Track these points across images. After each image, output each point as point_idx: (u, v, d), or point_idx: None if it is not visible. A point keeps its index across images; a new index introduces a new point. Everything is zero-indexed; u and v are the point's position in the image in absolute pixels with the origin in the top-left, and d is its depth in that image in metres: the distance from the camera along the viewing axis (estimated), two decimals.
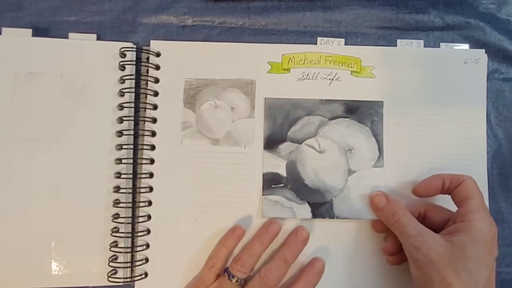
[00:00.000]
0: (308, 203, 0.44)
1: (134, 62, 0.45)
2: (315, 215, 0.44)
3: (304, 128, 0.45)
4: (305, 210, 0.44)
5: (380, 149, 0.44)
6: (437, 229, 0.38)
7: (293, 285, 0.41)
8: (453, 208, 0.40)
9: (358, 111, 0.45)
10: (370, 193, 0.43)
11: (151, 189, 0.44)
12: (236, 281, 0.40)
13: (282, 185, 0.44)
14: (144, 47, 0.46)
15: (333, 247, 0.44)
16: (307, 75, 0.46)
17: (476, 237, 0.36)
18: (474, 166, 0.45)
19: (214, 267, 0.41)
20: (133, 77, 0.45)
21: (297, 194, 0.44)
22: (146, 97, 0.45)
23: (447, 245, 0.36)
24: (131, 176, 0.44)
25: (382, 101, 0.45)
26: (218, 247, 0.42)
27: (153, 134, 0.45)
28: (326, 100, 0.45)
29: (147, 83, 0.45)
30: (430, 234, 0.37)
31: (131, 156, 0.45)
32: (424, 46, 0.47)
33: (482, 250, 0.35)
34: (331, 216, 0.44)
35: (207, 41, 0.47)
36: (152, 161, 0.44)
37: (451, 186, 0.40)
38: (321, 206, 0.44)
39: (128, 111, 0.45)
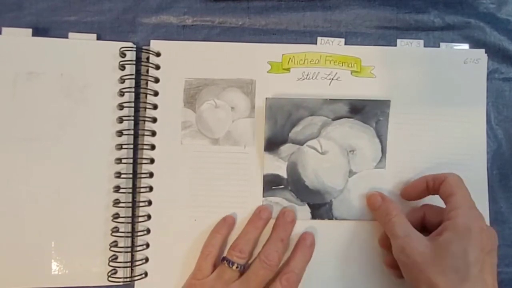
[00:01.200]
0: (308, 204, 0.44)
1: (134, 62, 0.45)
2: (314, 216, 0.44)
3: (306, 129, 0.45)
4: (304, 211, 0.44)
5: (383, 150, 0.44)
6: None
7: (290, 260, 0.41)
8: None
9: (363, 111, 0.44)
10: (367, 193, 0.43)
11: (151, 188, 0.44)
12: (237, 267, 0.40)
13: (282, 186, 0.44)
14: (144, 47, 0.46)
15: (332, 248, 0.44)
16: (307, 75, 0.46)
17: (460, 233, 0.35)
18: (474, 166, 0.45)
19: (209, 255, 0.41)
20: (133, 77, 0.45)
21: (297, 196, 0.44)
22: (146, 96, 0.45)
23: (432, 245, 0.36)
24: (131, 176, 0.44)
25: (389, 100, 0.44)
26: (211, 235, 0.42)
27: (153, 133, 0.45)
28: (330, 99, 0.45)
29: (147, 83, 0.45)
30: (417, 236, 0.37)
31: (131, 156, 0.45)
32: (424, 46, 0.47)
33: (469, 246, 0.35)
34: (330, 217, 0.44)
35: (207, 41, 0.46)
36: (152, 161, 0.44)
37: (435, 185, 0.40)
38: (320, 208, 0.44)
39: (128, 111, 0.45)
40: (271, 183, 0.44)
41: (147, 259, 0.44)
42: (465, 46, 0.47)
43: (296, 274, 0.40)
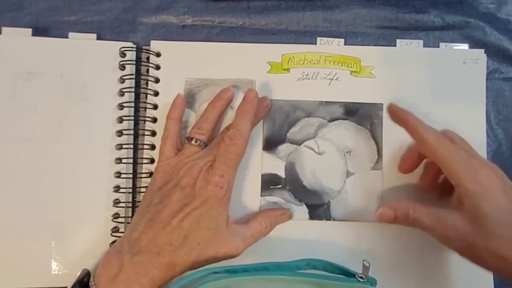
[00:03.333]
0: (306, 204, 0.44)
1: (134, 62, 0.45)
2: (312, 216, 0.44)
3: (304, 130, 0.45)
4: (302, 211, 0.44)
5: (379, 152, 0.45)
6: None
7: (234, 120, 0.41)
8: None
9: (358, 113, 0.45)
10: (376, 214, 0.41)
11: None
12: (195, 142, 0.41)
13: (280, 186, 0.44)
14: (144, 47, 0.46)
15: (329, 249, 0.44)
16: (307, 75, 0.46)
17: (472, 190, 0.35)
18: None
19: (167, 138, 0.42)
20: (133, 76, 0.45)
21: (295, 196, 0.44)
22: (146, 96, 0.45)
23: (466, 215, 0.35)
24: (131, 175, 0.44)
25: (382, 104, 0.45)
26: (166, 122, 0.43)
27: (153, 133, 0.45)
28: (325, 102, 0.45)
29: (147, 83, 0.45)
30: (447, 214, 0.36)
31: (131, 156, 0.45)
32: (424, 46, 0.47)
33: (485, 191, 0.34)
34: (328, 218, 0.44)
35: (207, 40, 0.47)
36: (152, 161, 0.44)
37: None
38: (318, 208, 0.44)
39: (128, 111, 0.45)
40: (269, 183, 0.44)
41: None
42: (465, 46, 0.47)
43: (237, 131, 0.39)
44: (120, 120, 0.44)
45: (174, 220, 0.37)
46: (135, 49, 0.45)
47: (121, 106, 0.44)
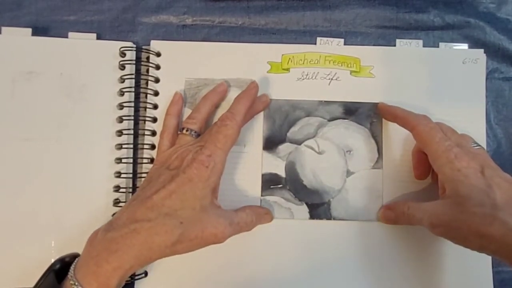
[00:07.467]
0: (306, 204, 0.44)
1: (134, 62, 0.45)
2: (312, 216, 0.44)
3: (303, 129, 0.45)
4: (303, 211, 0.44)
5: (380, 151, 0.45)
6: None
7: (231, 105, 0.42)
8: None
9: (357, 113, 0.45)
10: (378, 216, 0.44)
11: None
12: (187, 131, 0.41)
13: (281, 185, 0.44)
14: (144, 47, 0.46)
15: (330, 248, 0.44)
16: (307, 75, 0.46)
17: (450, 176, 0.36)
18: None
19: (164, 133, 0.43)
20: (133, 76, 0.45)
21: (296, 195, 0.44)
22: (146, 96, 0.45)
23: (448, 202, 0.36)
24: (131, 175, 0.44)
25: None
26: (164, 118, 0.44)
27: (153, 133, 0.45)
28: (325, 101, 0.45)
29: (147, 83, 0.45)
30: (433, 205, 0.38)
31: (131, 156, 0.45)
32: (424, 46, 0.47)
33: (462, 176, 0.36)
34: (328, 217, 0.44)
35: (207, 40, 0.47)
36: (152, 161, 0.44)
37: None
38: (318, 207, 0.44)
39: (128, 111, 0.45)
40: (269, 182, 0.44)
41: None
42: (464, 46, 0.47)
43: (230, 113, 0.40)
44: (120, 120, 0.44)
45: (155, 196, 0.36)
46: (135, 48, 0.45)
47: (121, 106, 0.44)
